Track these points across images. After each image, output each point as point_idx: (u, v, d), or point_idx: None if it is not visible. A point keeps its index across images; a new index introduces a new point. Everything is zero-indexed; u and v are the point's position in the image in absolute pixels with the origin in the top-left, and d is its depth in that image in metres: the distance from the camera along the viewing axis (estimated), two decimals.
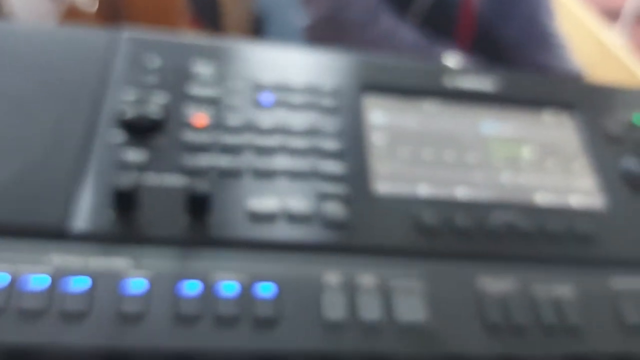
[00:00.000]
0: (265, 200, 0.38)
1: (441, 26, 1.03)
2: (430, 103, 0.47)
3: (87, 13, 1.31)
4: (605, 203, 0.44)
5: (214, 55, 0.45)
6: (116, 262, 0.33)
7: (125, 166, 0.37)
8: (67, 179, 0.36)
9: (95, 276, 0.32)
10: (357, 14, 0.85)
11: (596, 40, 1.50)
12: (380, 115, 0.45)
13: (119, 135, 0.38)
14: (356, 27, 0.85)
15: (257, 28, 0.99)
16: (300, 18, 0.88)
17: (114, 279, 0.32)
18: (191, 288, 0.33)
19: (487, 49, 1.08)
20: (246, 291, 0.33)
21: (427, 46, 0.88)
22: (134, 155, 0.38)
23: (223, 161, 0.39)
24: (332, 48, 0.49)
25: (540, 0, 1.04)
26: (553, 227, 0.41)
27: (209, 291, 0.33)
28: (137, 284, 0.32)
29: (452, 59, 0.83)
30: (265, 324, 0.32)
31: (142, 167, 0.37)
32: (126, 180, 0.34)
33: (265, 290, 0.34)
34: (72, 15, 1.29)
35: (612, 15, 2.27)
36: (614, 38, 1.43)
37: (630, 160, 0.46)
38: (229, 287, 0.33)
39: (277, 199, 0.38)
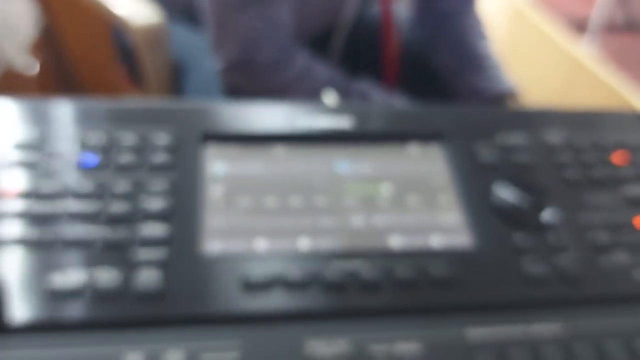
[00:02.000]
0: (70, 275, 0.33)
1: (363, 62, 1.01)
2: (280, 147, 0.43)
3: (26, 78, 1.29)
4: (471, 241, 0.39)
5: (41, 117, 0.41)
6: None
7: None
8: None
9: None
10: (269, 55, 0.82)
11: (566, 55, 1.47)
12: (222, 166, 0.41)
13: None
14: (269, 68, 0.83)
15: (177, 77, 0.96)
16: (214, 63, 0.85)
17: None
18: None
19: (417, 79, 1.06)
20: None
21: (344, 82, 0.85)
22: None
23: (30, 232, 0.35)
24: (245, 91, 0.45)
25: (469, 24, 1.02)
26: (404, 273, 0.36)
27: None
28: None
29: (330, 97, 0.80)
30: None
31: None
32: None
33: None
34: (10, 79, 1.27)
35: (579, 26, 2.26)
36: (584, 50, 1.39)
37: (501, 188, 0.42)
38: None
39: (83, 273, 0.34)
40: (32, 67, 1.36)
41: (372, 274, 0.36)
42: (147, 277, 0.34)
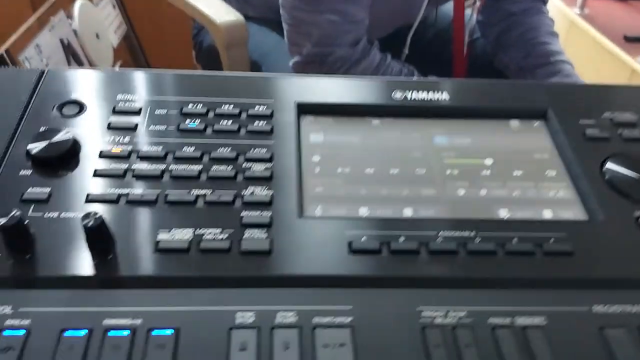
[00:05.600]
0: (178, 232, 0.32)
1: (431, 60, 0.97)
2: (375, 119, 0.40)
3: None
4: (587, 214, 0.35)
5: (135, 85, 0.40)
6: None
7: (25, 202, 0.32)
8: None
9: None
10: (345, 49, 0.80)
11: (623, 65, 1.39)
12: (318, 136, 0.39)
13: (24, 170, 0.34)
14: (345, 62, 0.80)
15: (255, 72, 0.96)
16: (290, 56, 0.84)
17: None
18: (76, 336, 0.27)
19: (483, 77, 1.01)
20: (140, 337, 0.27)
21: (416, 78, 0.82)
22: (37, 189, 0.33)
23: (135, 190, 0.33)
24: None
25: (538, 21, 0.96)
26: (519, 244, 0.32)
27: (96, 339, 0.27)
28: (13, 334, 0.27)
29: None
30: None
31: (44, 202, 0.32)
32: (10, 217, 0.29)
33: (162, 334, 0.27)
34: None
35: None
36: None
37: (616, 163, 0.37)
38: (120, 333, 0.27)
39: (191, 230, 0.32)
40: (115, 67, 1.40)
41: (484, 244, 0.32)
42: (254, 238, 0.32)
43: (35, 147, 0.34)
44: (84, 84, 0.40)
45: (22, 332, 0.27)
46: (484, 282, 0.31)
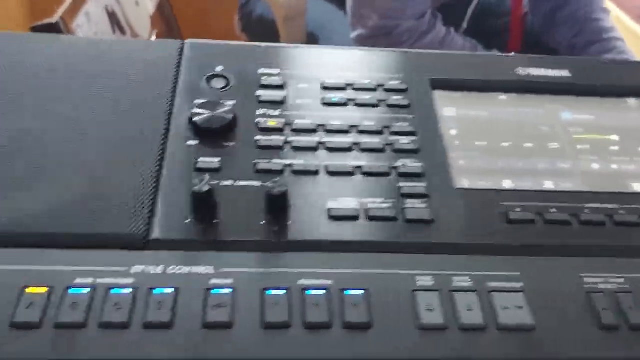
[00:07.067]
0: (344, 200, 0.33)
1: (490, 34, 0.97)
2: (502, 95, 0.42)
3: None
4: None
5: (278, 59, 0.41)
6: (198, 270, 0.29)
7: (200, 171, 0.34)
8: (143, 187, 0.33)
9: (178, 285, 0.29)
10: (411, 21, 0.80)
11: None
12: (452, 110, 0.40)
13: (191, 141, 0.35)
14: (411, 35, 0.81)
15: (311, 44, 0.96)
16: (351, 29, 0.84)
17: (198, 288, 0.29)
18: (277, 294, 0.29)
19: (538, 53, 1.01)
20: (335, 296, 0.29)
21: (476, 49, 0.83)
22: (208, 159, 0.34)
23: (297, 161, 0.35)
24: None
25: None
26: None
27: (296, 297, 0.29)
28: (221, 292, 0.29)
29: None
30: (358, 329, 0.28)
31: (216, 171, 0.34)
32: (203, 183, 0.31)
33: (355, 294, 0.29)
34: None
35: None
36: None
37: None
38: (317, 292, 0.29)
39: (356, 199, 0.34)
40: (151, 37, 1.39)
41: (630, 216, 0.34)
42: (416, 208, 0.33)
43: (201, 118, 0.36)
44: (223, 57, 0.41)
45: (229, 291, 0.29)
46: (633, 251, 0.33)
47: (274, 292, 0.29)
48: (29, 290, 0.27)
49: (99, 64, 0.39)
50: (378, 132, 0.37)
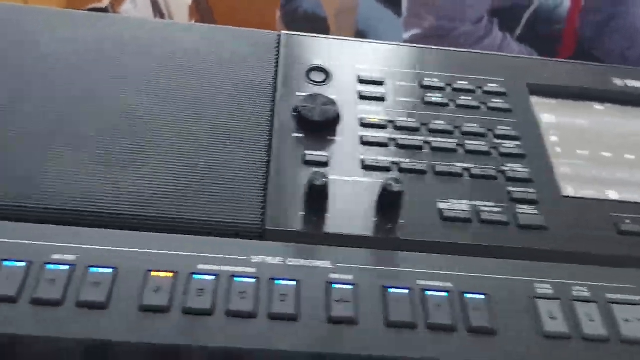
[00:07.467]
0: (454, 202, 0.33)
1: (542, 41, 0.96)
2: (598, 104, 0.41)
3: None
4: None
5: (375, 56, 0.41)
6: (317, 263, 0.29)
7: (308, 164, 0.33)
8: (255, 177, 0.32)
9: (298, 278, 0.28)
10: (470, 24, 0.79)
11: None
12: (551, 117, 0.40)
13: (296, 133, 0.35)
14: (468, 38, 0.80)
15: None
16: (404, 29, 0.83)
17: (319, 282, 0.28)
18: (400, 293, 0.28)
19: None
20: (456, 299, 0.28)
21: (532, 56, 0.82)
22: (316, 153, 0.34)
23: (404, 159, 0.35)
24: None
25: None
26: None
27: (418, 297, 0.28)
28: (343, 287, 0.28)
29: None
30: (483, 333, 0.27)
31: (324, 165, 0.33)
32: (320, 177, 0.30)
33: (477, 298, 0.29)
34: None
35: None
36: None
37: None
38: (438, 293, 0.29)
39: (466, 201, 0.33)
40: None
41: None
42: (528, 213, 0.33)
43: (307, 111, 0.35)
44: (320, 50, 0.41)
45: (351, 287, 0.28)
46: None
47: (395, 290, 0.28)
48: (154, 273, 0.27)
49: (202, 48, 0.39)
50: (482, 135, 0.37)
